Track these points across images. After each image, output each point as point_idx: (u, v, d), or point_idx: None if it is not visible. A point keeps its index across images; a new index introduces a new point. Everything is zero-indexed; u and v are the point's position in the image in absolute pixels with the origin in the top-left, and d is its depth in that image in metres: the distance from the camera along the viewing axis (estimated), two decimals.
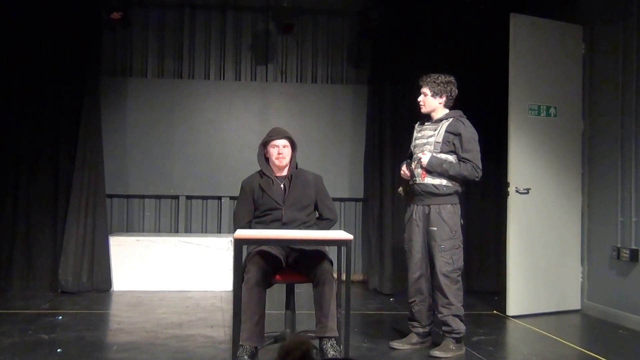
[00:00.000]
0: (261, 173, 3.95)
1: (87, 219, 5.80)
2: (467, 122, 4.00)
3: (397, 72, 6.15)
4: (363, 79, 6.72)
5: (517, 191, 5.02)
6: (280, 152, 3.86)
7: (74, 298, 5.53)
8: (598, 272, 5.18)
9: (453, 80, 4.04)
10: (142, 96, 6.44)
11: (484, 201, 6.28)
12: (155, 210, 6.54)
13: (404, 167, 4.08)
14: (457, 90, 4.05)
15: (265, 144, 3.92)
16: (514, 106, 5.06)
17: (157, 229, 6.52)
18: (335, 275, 3.66)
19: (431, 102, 4.01)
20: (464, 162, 3.91)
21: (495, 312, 5.25)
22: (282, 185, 3.90)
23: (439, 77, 4.00)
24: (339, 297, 3.59)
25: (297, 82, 6.73)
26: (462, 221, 4.02)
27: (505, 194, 5.07)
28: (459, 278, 3.95)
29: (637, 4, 4.81)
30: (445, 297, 3.87)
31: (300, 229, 3.81)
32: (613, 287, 4.99)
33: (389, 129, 6.19)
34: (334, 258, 3.70)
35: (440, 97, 3.99)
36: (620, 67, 4.95)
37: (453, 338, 3.90)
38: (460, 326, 3.90)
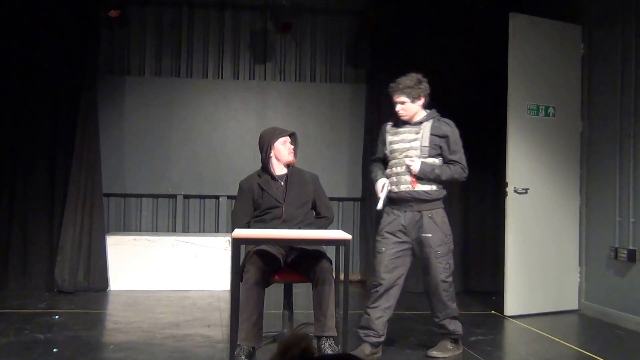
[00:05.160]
0: (259, 172, 3.95)
1: (84, 218, 5.78)
2: (451, 122, 3.87)
3: (395, 71, 6.08)
4: (361, 78, 6.70)
5: (515, 191, 5.02)
6: (291, 146, 3.92)
7: (71, 297, 5.51)
8: (596, 272, 5.17)
9: (421, 77, 3.89)
10: (139, 95, 6.42)
11: (482, 201, 6.28)
12: (152, 209, 6.51)
13: (380, 185, 3.82)
14: (428, 85, 3.89)
15: (273, 142, 3.90)
16: (513, 106, 5.06)
17: (155, 229, 6.49)
18: (333, 274, 3.65)
19: (412, 107, 3.83)
20: (452, 163, 3.80)
21: (493, 312, 5.25)
22: (281, 184, 3.89)
23: (410, 80, 3.82)
24: (337, 297, 3.58)
25: (295, 81, 6.71)
26: None
27: (503, 194, 5.07)
28: (452, 280, 3.90)
29: (636, 5, 4.80)
30: (442, 302, 3.81)
31: (299, 226, 3.80)
32: (610, 288, 4.98)
33: None
34: (332, 258, 3.69)
35: (419, 99, 3.82)
36: (619, 68, 4.95)
37: (451, 339, 3.88)
38: (457, 327, 3.87)
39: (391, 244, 3.79)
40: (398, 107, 3.85)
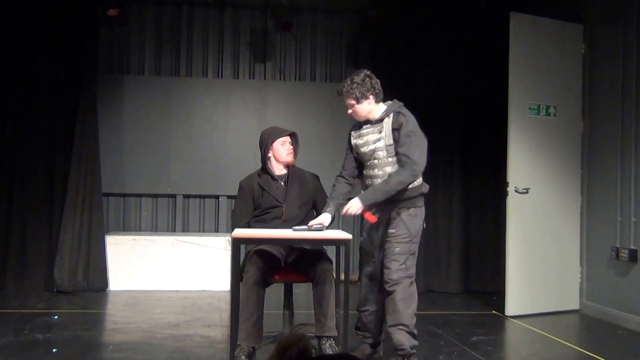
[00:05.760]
0: (259, 172, 3.93)
1: (83, 218, 5.76)
2: (408, 113, 3.56)
3: (395, 71, 6.12)
4: None
5: (516, 191, 5.01)
6: (290, 146, 3.89)
7: (70, 297, 5.49)
8: (597, 272, 5.16)
9: (367, 73, 3.62)
10: (139, 94, 6.40)
11: (483, 201, 6.27)
12: (152, 209, 6.49)
13: (319, 220, 3.60)
14: (378, 80, 3.60)
15: (272, 142, 3.88)
16: (514, 105, 5.04)
17: (154, 228, 6.47)
18: (334, 274, 3.63)
19: (361, 108, 3.62)
20: (399, 160, 3.50)
21: (494, 312, 5.24)
22: (281, 183, 3.88)
23: (353, 81, 3.59)
24: (338, 297, 3.57)
25: (295, 80, 6.69)
26: (424, 225, 3.64)
27: (504, 194, 5.05)
28: (412, 287, 3.53)
29: (637, 5, 4.79)
30: (393, 301, 3.46)
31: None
32: (612, 287, 4.97)
33: None
34: (332, 258, 3.67)
35: (367, 98, 3.56)
36: (620, 68, 4.94)
37: (401, 356, 3.47)
38: (406, 342, 3.45)
39: (370, 244, 3.71)
40: (349, 111, 3.69)
